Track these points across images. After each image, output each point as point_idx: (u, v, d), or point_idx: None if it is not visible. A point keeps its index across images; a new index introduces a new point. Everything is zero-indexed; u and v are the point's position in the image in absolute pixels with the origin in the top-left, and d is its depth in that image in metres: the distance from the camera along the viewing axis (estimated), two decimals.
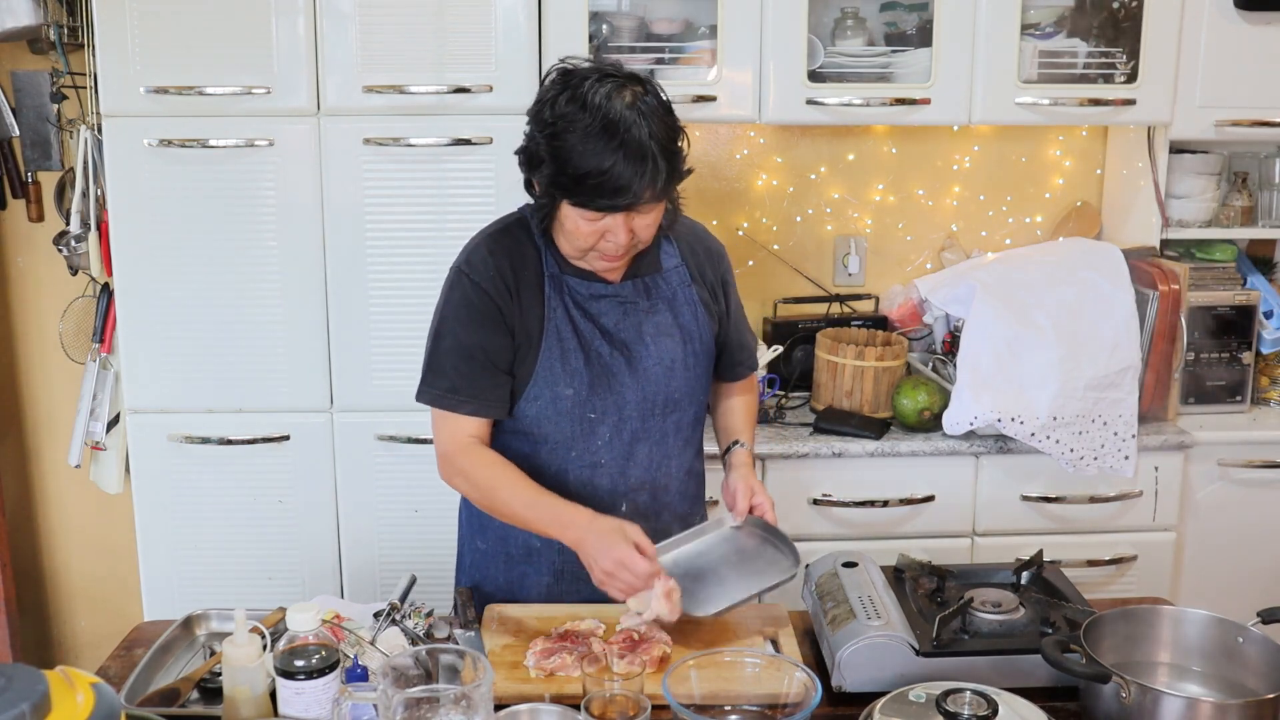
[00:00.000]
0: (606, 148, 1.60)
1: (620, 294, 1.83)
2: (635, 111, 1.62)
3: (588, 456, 1.84)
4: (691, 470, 1.96)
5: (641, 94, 1.65)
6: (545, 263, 1.82)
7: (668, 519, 1.91)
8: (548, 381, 1.80)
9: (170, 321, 2.64)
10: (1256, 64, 2.78)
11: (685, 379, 1.87)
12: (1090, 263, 2.76)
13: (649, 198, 1.65)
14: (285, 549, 2.74)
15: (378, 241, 2.62)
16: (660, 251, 1.87)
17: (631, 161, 1.60)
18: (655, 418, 1.86)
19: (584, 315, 1.82)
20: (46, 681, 1.01)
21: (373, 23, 2.53)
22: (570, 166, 1.63)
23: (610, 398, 1.82)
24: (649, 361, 1.83)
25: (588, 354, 1.81)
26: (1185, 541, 2.80)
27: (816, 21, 2.77)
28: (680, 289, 1.88)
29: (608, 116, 1.61)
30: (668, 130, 1.66)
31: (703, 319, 1.88)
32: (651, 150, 1.61)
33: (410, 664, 1.43)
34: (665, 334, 1.85)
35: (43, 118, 2.92)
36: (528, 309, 1.80)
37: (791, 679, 1.49)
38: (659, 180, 1.64)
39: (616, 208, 1.65)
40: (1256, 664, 1.53)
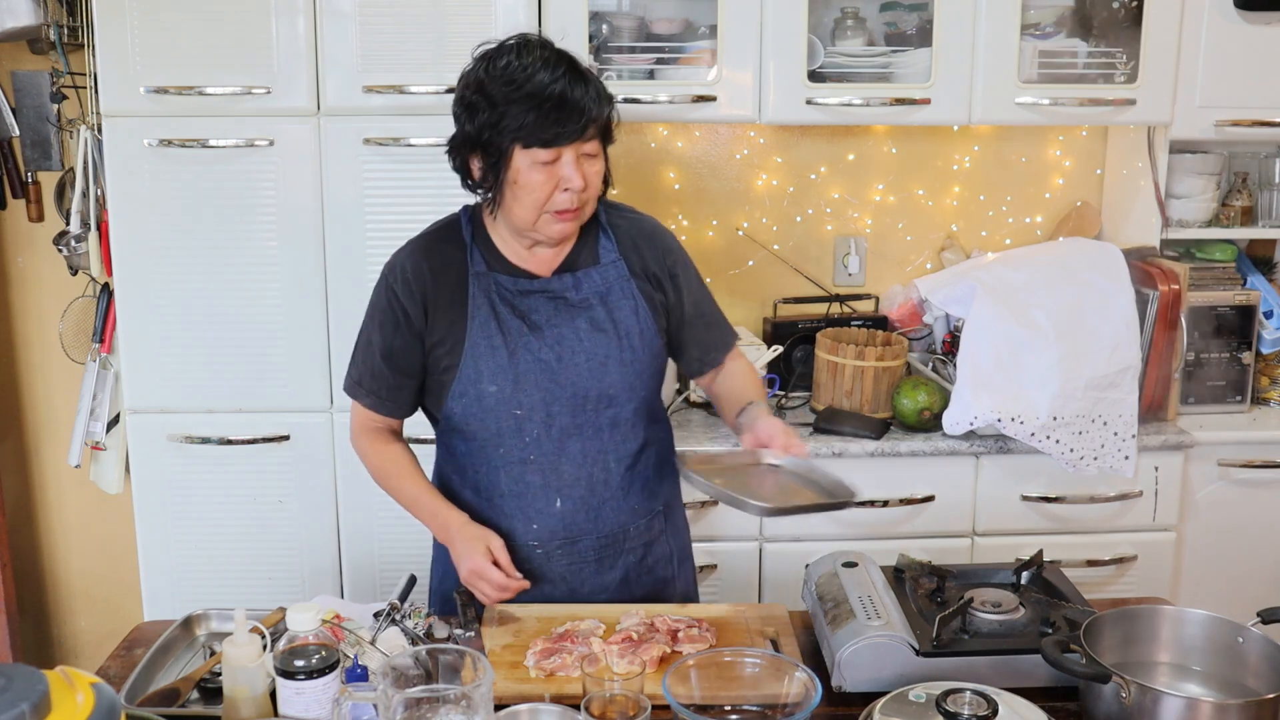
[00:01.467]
0: (554, 77, 1.69)
1: (549, 288, 1.84)
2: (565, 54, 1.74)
3: (517, 453, 1.85)
4: (634, 465, 1.91)
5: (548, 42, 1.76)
6: (472, 261, 1.84)
7: (609, 514, 1.89)
8: (471, 379, 1.82)
9: (170, 321, 2.65)
10: (1256, 64, 2.78)
11: (621, 374, 1.84)
12: (1090, 263, 2.76)
13: (595, 131, 1.73)
14: (285, 549, 2.74)
15: (378, 241, 2.62)
16: (598, 245, 1.88)
17: (577, 83, 1.69)
18: (587, 413, 1.84)
19: (511, 311, 1.82)
20: (46, 681, 1.01)
21: (373, 23, 2.54)
22: (521, 100, 1.69)
23: (537, 394, 1.82)
24: (579, 357, 1.82)
25: (512, 351, 1.81)
26: (1185, 541, 2.80)
27: (816, 21, 2.77)
28: (617, 283, 1.86)
29: (547, 57, 1.71)
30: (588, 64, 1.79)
31: (644, 313, 1.87)
32: (593, 77, 1.73)
33: (410, 664, 1.43)
34: (598, 329, 1.83)
35: (43, 118, 2.92)
36: (446, 310, 1.83)
37: (791, 679, 1.49)
38: (602, 103, 1.72)
39: (567, 135, 1.69)
40: (1256, 664, 1.53)
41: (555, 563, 1.89)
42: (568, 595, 1.90)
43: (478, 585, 1.77)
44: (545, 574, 1.90)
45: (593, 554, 1.90)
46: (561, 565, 1.90)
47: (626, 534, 1.91)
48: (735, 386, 2.00)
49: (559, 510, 1.86)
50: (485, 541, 1.79)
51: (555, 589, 1.90)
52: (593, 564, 1.90)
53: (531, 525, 1.87)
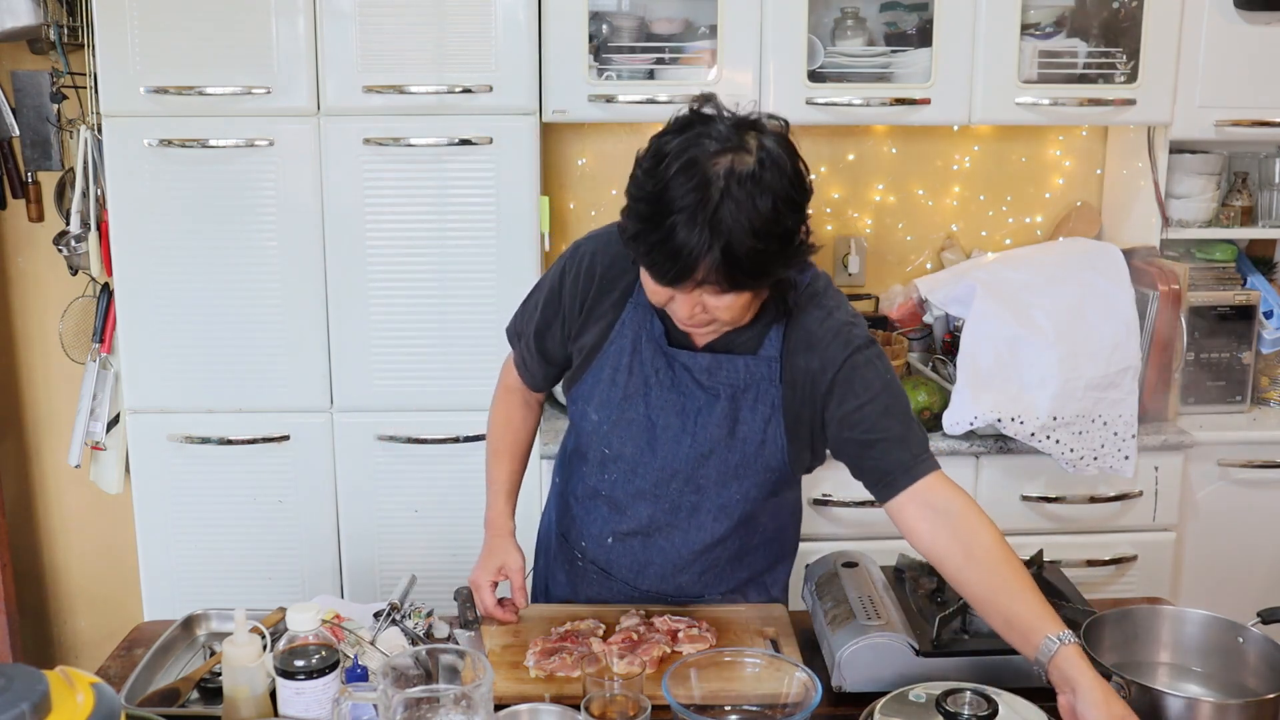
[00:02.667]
0: (676, 210, 1.40)
1: (686, 362, 1.68)
2: (720, 185, 1.40)
3: (593, 482, 1.82)
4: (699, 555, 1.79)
5: (748, 166, 1.41)
6: (638, 289, 1.66)
7: (653, 576, 1.82)
8: (584, 396, 1.76)
9: (170, 321, 2.64)
10: (1256, 64, 2.78)
11: (719, 472, 1.71)
12: (1090, 263, 2.76)
13: (704, 280, 1.44)
14: (285, 549, 2.74)
15: (378, 241, 2.62)
16: (765, 336, 1.66)
17: (690, 235, 1.39)
18: (668, 489, 1.75)
19: (649, 361, 1.69)
20: (46, 681, 1.01)
21: (373, 23, 2.53)
22: (634, 220, 1.47)
23: (631, 446, 1.73)
24: (684, 438, 1.70)
25: (629, 397, 1.71)
26: (1185, 541, 2.80)
27: (816, 21, 2.77)
28: (762, 383, 1.67)
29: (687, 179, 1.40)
30: (756, 218, 1.40)
31: (776, 425, 1.68)
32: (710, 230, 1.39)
33: (410, 664, 1.43)
34: (715, 422, 1.68)
35: (43, 118, 2.92)
36: (598, 320, 1.72)
37: (791, 679, 1.49)
38: (715, 265, 1.41)
39: (663, 281, 1.47)
40: (1256, 664, 1.53)
41: (588, 583, 1.89)
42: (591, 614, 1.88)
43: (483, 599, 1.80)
44: (577, 585, 1.91)
45: (623, 596, 1.87)
46: (593, 587, 1.89)
47: (664, 599, 1.86)
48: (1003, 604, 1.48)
49: (609, 546, 1.84)
50: (504, 560, 1.82)
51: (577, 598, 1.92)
52: (620, 604, 1.87)
53: (582, 542, 1.88)
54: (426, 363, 2.66)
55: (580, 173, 3.10)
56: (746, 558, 1.85)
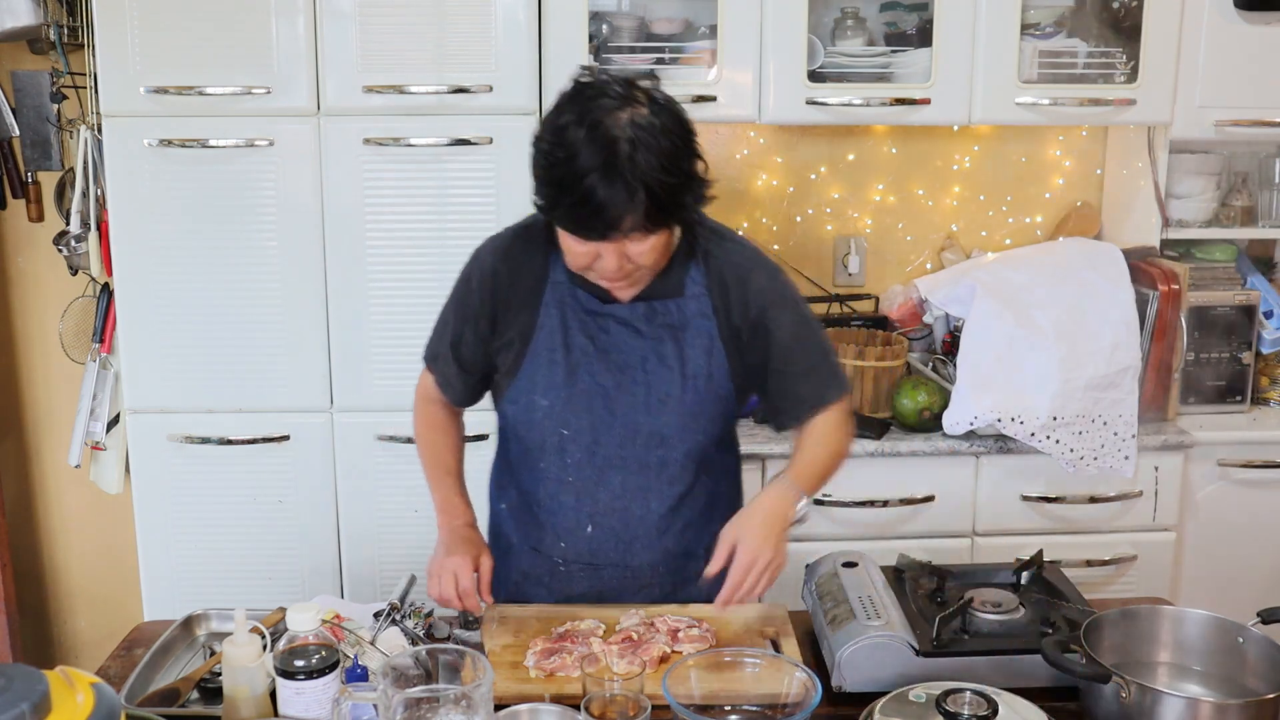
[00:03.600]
0: (588, 170, 1.50)
1: (621, 314, 1.75)
2: (625, 136, 1.51)
3: (556, 471, 1.81)
4: (677, 509, 1.83)
5: (644, 116, 1.53)
6: (553, 269, 1.75)
7: (640, 549, 1.83)
8: (526, 388, 1.78)
9: (170, 321, 2.64)
10: (1256, 64, 2.78)
11: (679, 415, 1.76)
12: (1090, 263, 2.76)
13: (631, 227, 1.55)
14: (285, 549, 2.74)
15: (378, 241, 2.62)
16: (686, 275, 1.75)
17: (610, 189, 1.50)
18: (635, 448, 1.77)
19: (581, 329, 1.75)
20: (46, 681, 1.01)
21: (373, 23, 2.53)
22: (550, 186, 1.56)
23: (587, 418, 1.76)
24: (638, 390, 1.75)
25: (572, 369, 1.75)
26: (1185, 541, 2.80)
27: (816, 21, 2.77)
28: (696, 320, 1.75)
29: (593, 138, 1.51)
30: (666, 157, 1.53)
31: (718, 356, 1.76)
32: (631, 180, 1.50)
33: (410, 664, 1.43)
34: (665, 365, 1.75)
35: (43, 118, 2.92)
36: (517, 315, 1.77)
37: (791, 679, 1.49)
38: (640, 212, 1.52)
39: (592, 237, 1.57)
40: (1256, 664, 1.53)
41: (575, 582, 1.88)
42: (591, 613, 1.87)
43: (441, 578, 1.76)
44: (564, 590, 1.88)
45: (615, 584, 1.87)
46: (582, 586, 1.88)
47: (655, 571, 1.86)
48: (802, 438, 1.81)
49: (589, 535, 1.83)
50: (479, 550, 1.81)
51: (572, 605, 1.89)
52: (615, 593, 1.87)
53: (559, 543, 1.85)
54: None
55: None
56: (715, 508, 1.87)
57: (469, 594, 1.75)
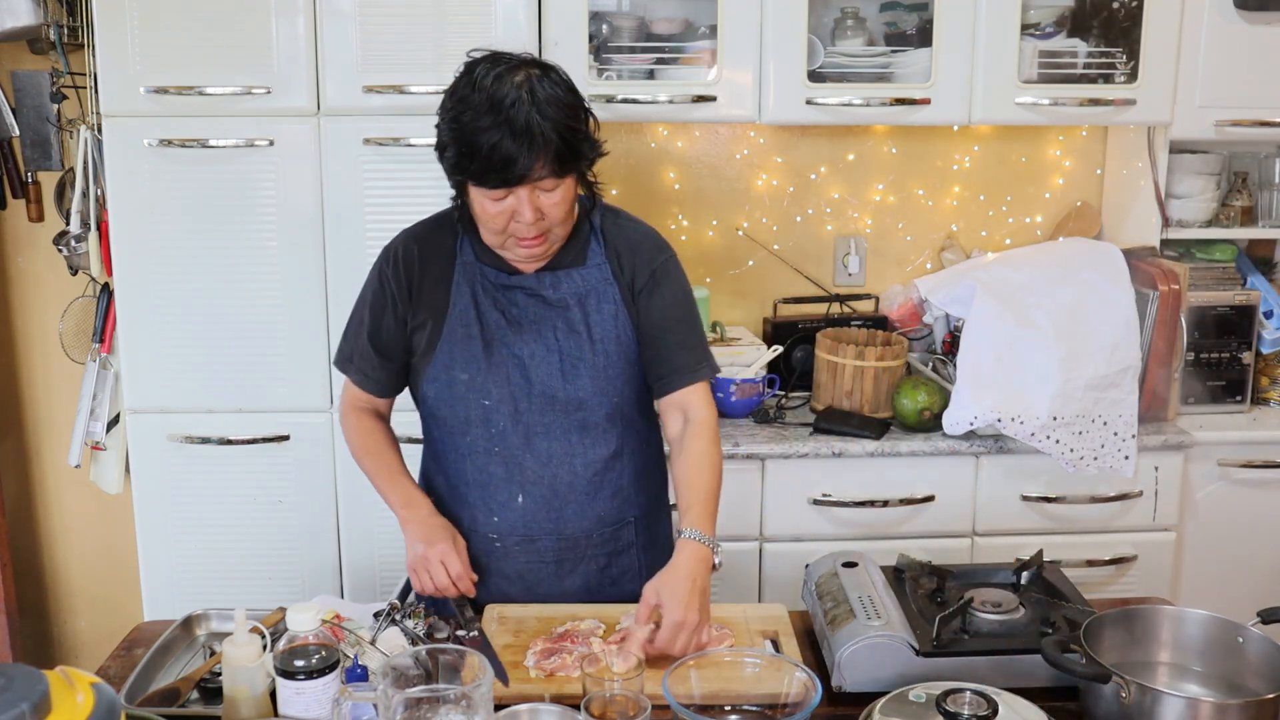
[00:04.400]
0: (493, 124, 1.65)
1: (528, 285, 1.84)
2: (523, 90, 1.66)
3: (483, 443, 1.87)
4: (605, 473, 1.89)
5: (536, 75, 1.69)
6: (461, 251, 1.87)
7: (572, 515, 1.89)
8: (445, 365, 1.85)
9: (170, 321, 2.65)
10: (1256, 64, 2.78)
11: (592, 379, 1.84)
12: (1090, 263, 2.76)
13: (541, 171, 1.68)
14: (285, 549, 2.74)
15: (378, 241, 2.58)
16: (587, 247, 1.87)
17: (517, 136, 1.64)
18: (556, 413, 1.85)
19: (493, 304, 1.84)
20: (46, 681, 1.01)
21: (373, 23, 2.54)
22: (464, 145, 1.68)
23: (507, 388, 1.84)
24: (553, 357, 1.84)
25: (488, 342, 1.84)
26: (1185, 541, 2.80)
27: (816, 21, 2.77)
28: (598, 286, 1.86)
29: (494, 96, 1.66)
30: (562, 109, 1.69)
31: (624, 320, 1.86)
32: (537, 125, 1.65)
33: (410, 664, 1.43)
34: (573, 330, 1.84)
35: (43, 118, 2.92)
36: (430, 295, 1.86)
37: (791, 679, 1.49)
38: (548, 154, 1.66)
39: (509, 182, 1.68)
40: (1256, 664, 1.53)
41: (513, 559, 1.90)
42: (524, 594, 1.90)
43: (430, 569, 1.80)
44: (503, 570, 1.91)
45: (552, 555, 1.90)
46: (520, 563, 1.90)
47: (590, 540, 1.90)
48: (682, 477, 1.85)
49: (520, 506, 1.88)
50: (453, 533, 1.85)
51: (512, 586, 1.91)
52: (551, 565, 1.90)
53: (493, 517, 1.90)
54: None
55: None
56: (643, 476, 1.95)
57: (463, 577, 1.80)
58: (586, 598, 1.91)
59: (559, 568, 1.90)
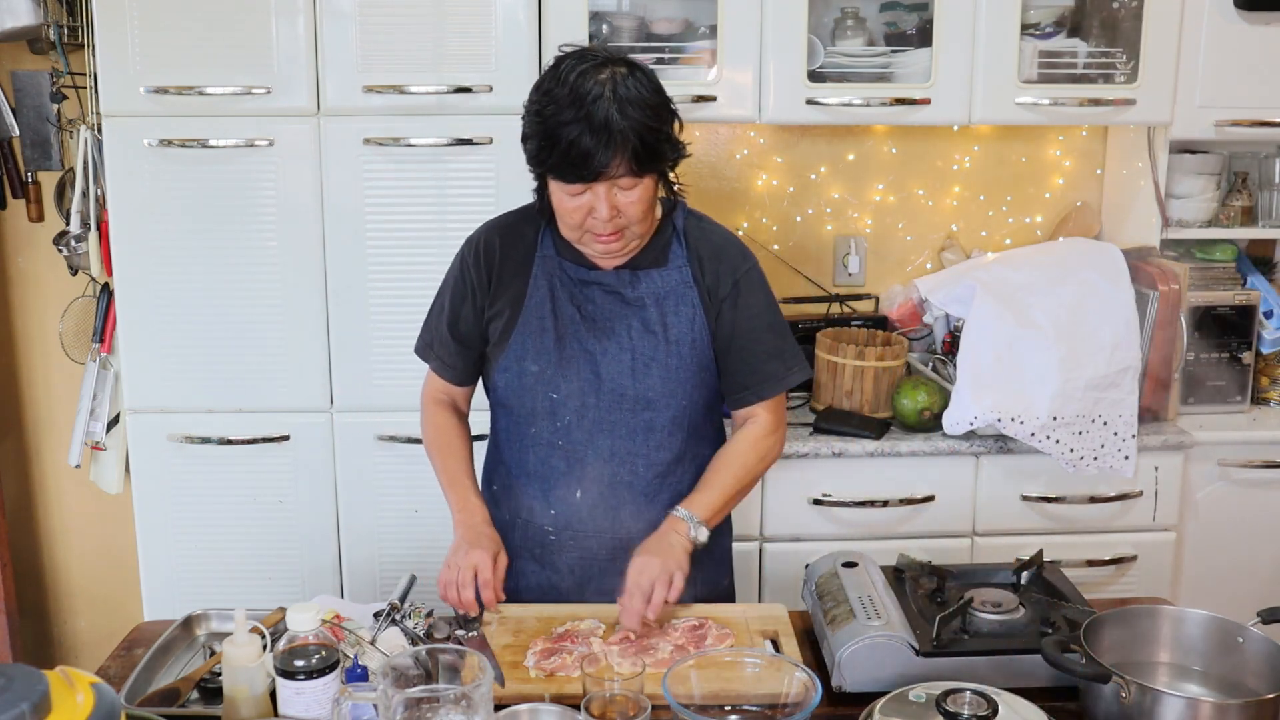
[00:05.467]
0: (574, 118, 1.66)
1: (606, 282, 1.85)
2: (606, 87, 1.67)
3: (547, 435, 1.88)
4: (666, 475, 1.89)
5: (622, 74, 1.69)
6: (541, 244, 1.88)
7: (628, 517, 1.88)
8: (517, 355, 1.86)
9: (170, 321, 2.65)
10: (1256, 64, 2.78)
11: (663, 379, 1.84)
12: (1090, 263, 2.76)
13: (620, 170, 1.68)
14: (285, 549, 2.74)
15: (378, 241, 2.62)
16: (669, 249, 1.87)
17: (595, 132, 1.65)
18: (623, 412, 1.85)
19: (569, 298, 1.85)
20: (46, 681, 1.01)
21: (373, 23, 2.53)
22: (544, 139, 1.70)
23: (576, 382, 1.84)
24: (625, 355, 1.84)
25: (561, 336, 1.84)
26: (1185, 541, 2.80)
27: (816, 21, 2.77)
28: (678, 288, 1.86)
29: (577, 91, 1.67)
30: (644, 109, 1.69)
31: (700, 323, 1.86)
32: (616, 122, 1.65)
33: (410, 664, 1.43)
34: (648, 330, 1.84)
35: (43, 118, 2.92)
36: (509, 285, 1.88)
37: (791, 679, 1.49)
38: (626, 153, 1.67)
39: (584, 177, 1.69)
40: (1256, 664, 1.53)
41: (566, 552, 1.90)
42: (574, 589, 1.90)
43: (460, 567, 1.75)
44: (554, 562, 1.91)
45: (605, 553, 1.89)
46: (572, 557, 1.90)
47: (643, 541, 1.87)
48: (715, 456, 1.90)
49: (578, 501, 1.88)
50: (498, 546, 1.80)
51: (562, 579, 1.91)
52: (604, 562, 1.89)
53: (550, 510, 1.90)
54: None
55: None
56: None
57: (487, 584, 1.75)
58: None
59: (611, 565, 1.87)
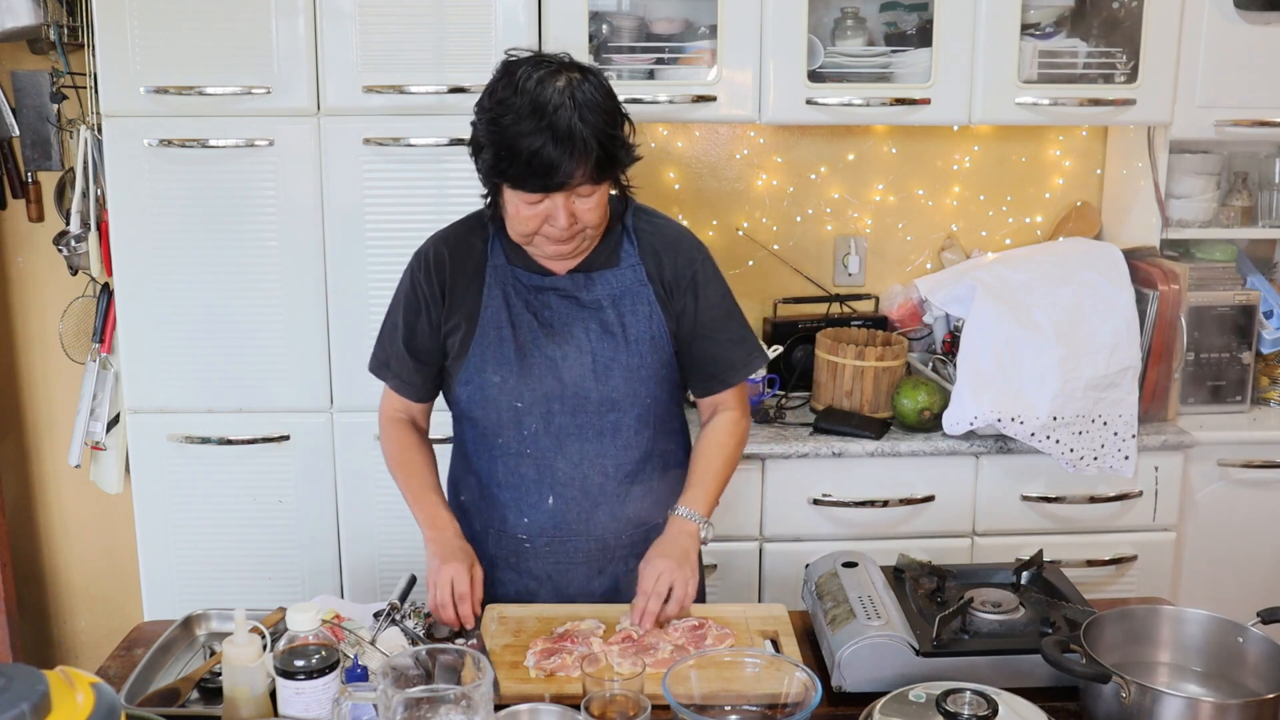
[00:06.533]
0: (535, 128, 1.64)
1: (561, 286, 1.84)
2: (566, 95, 1.65)
3: (514, 445, 1.87)
4: (636, 474, 1.89)
5: (578, 80, 1.68)
6: (491, 253, 1.86)
7: (603, 519, 1.88)
8: (477, 367, 1.85)
9: (170, 321, 2.65)
10: (1256, 64, 2.78)
11: (625, 379, 1.84)
12: (1090, 263, 2.76)
13: (581, 178, 1.67)
14: (285, 549, 2.74)
15: (378, 241, 2.62)
16: (619, 249, 1.86)
17: (559, 143, 1.63)
18: (588, 415, 1.84)
19: (525, 306, 1.84)
20: (46, 681, 1.01)
21: (373, 23, 2.54)
22: (504, 149, 1.67)
23: (539, 389, 1.83)
24: (585, 358, 1.83)
25: (520, 344, 1.83)
26: (1185, 541, 2.80)
27: (816, 21, 2.77)
28: (632, 287, 1.85)
29: (537, 100, 1.64)
30: (602, 115, 1.68)
31: (658, 321, 1.85)
32: (579, 132, 1.64)
33: (410, 664, 1.43)
34: (607, 332, 1.83)
35: (43, 118, 2.92)
36: (463, 298, 1.85)
37: (791, 679, 1.49)
38: (589, 162, 1.66)
39: (548, 188, 1.67)
40: (1256, 664, 1.53)
41: (543, 560, 1.90)
42: (553, 595, 1.90)
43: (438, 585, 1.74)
44: (531, 570, 1.91)
45: (581, 557, 1.90)
46: (548, 563, 1.90)
47: (620, 541, 1.90)
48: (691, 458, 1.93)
49: (551, 507, 1.87)
50: (472, 560, 1.79)
51: (541, 587, 1.91)
52: (581, 566, 1.90)
53: (523, 518, 1.89)
54: None
55: None
56: (675, 480, 1.93)
57: (465, 597, 1.74)
58: (615, 598, 1.90)
59: (588, 569, 1.90)
